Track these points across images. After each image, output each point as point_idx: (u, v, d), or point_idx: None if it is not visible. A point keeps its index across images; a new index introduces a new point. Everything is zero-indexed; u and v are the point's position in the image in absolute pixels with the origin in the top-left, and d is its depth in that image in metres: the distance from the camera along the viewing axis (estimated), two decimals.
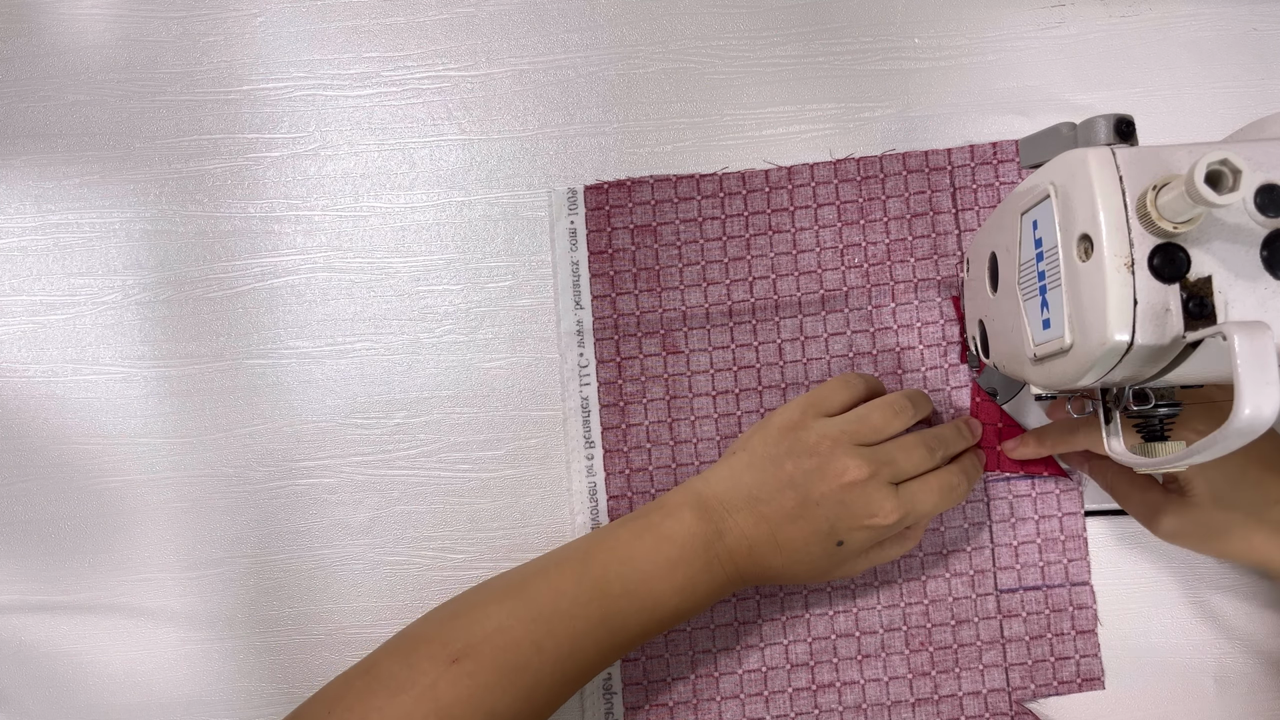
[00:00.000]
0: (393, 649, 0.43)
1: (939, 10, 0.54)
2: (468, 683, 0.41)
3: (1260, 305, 0.32)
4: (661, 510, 0.45)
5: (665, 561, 0.44)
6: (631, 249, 0.53)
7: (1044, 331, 0.37)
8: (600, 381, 0.52)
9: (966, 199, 0.52)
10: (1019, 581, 0.50)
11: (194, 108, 0.55)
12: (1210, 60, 0.53)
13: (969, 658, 0.50)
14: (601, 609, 0.43)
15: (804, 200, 0.53)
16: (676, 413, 0.52)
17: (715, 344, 0.52)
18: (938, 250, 0.52)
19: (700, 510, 0.45)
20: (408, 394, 0.53)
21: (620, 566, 0.44)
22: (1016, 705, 0.49)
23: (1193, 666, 0.50)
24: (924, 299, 0.52)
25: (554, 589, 0.43)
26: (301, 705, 0.43)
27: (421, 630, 0.44)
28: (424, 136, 0.55)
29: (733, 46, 0.54)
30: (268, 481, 0.53)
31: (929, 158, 0.52)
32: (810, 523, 0.44)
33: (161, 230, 0.54)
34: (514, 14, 0.55)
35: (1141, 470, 0.39)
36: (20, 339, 0.54)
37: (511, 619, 0.42)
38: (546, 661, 0.42)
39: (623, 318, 0.52)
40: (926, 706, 0.50)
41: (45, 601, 0.53)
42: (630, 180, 0.53)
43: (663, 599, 0.44)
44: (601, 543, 0.45)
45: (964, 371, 0.52)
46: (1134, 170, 0.33)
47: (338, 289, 0.54)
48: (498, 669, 0.41)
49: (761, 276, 0.52)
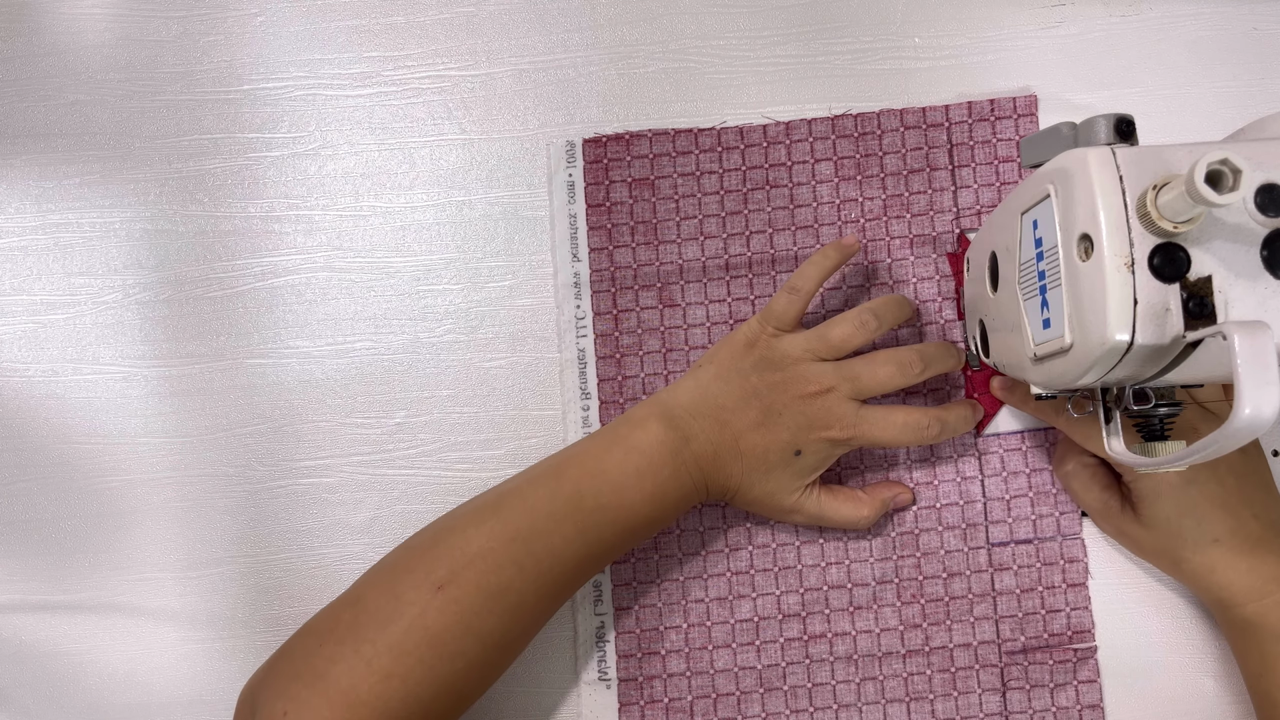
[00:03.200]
0: (376, 580, 0.44)
1: (939, 10, 0.54)
2: (454, 609, 0.41)
3: (1260, 305, 0.32)
4: (629, 423, 0.46)
5: (634, 471, 0.45)
6: (629, 202, 0.53)
7: (1044, 331, 0.37)
8: (597, 334, 0.53)
9: (964, 155, 0.52)
10: (1010, 535, 0.51)
11: (194, 107, 0.55)
12: (1210, 60, 0.53)
13: (960, 610, 0.50)
14: (577, 522, 0.44)
15: (802, 156, 0.53)
16: (672, 365, 0.52)
17: (711, 298, 0.53)
18: (934, 207, 0.52)
19: (667, 420, 0.46)
20: (408, 393, 0.53)
21: (592, 480, 0.45)
22: (1006, 657, 0.50)
23: (1192, 666, 0.50)
24: (920, 255, 0.52)
25: (529, 507, 0.44)
26: (289, 640, 0.44)
27: (403, 559, 0.44)
28: (424, 136, 0.55)
29: (733, 46, 0.54)
30: (268, 481, 0.53)
31: (926, 114, 0.53)
32: (771, 431, 0.45)
33: (162, 230, 0.54)
34: (514, 14, 0.55)
35: (1142, 470, 0.39)
36: (21, 339, 0.54)
37: (491, 540, 0.43)
38: (528, 579, 0.43)
39: (620, 270, 0.53)
40: (917, 658, 0.50)
41: (45, 601, 0.53)
42: (628, 134, 0.53)
43: (635, 508, 0.45)
44: (572, 458, 0.46)
45: (959, 328, 0.52)
46: (1134, 170, 0.33)
47: (338, 288, 0.54)
48: (482, 591, 0.42)
49: (758, 231, 0.53)
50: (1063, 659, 0.49)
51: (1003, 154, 0.52)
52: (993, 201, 0.52)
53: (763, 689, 0.50)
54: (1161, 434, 0.38)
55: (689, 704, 0.50)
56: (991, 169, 0.52)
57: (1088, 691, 0.49)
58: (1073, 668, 0.49)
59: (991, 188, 0.52)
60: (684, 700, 0.50)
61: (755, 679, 0.50)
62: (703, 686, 0.50)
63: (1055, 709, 0.49)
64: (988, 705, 0.50)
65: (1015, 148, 0.52)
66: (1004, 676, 0.50)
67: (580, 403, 0.52)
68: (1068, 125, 0.37)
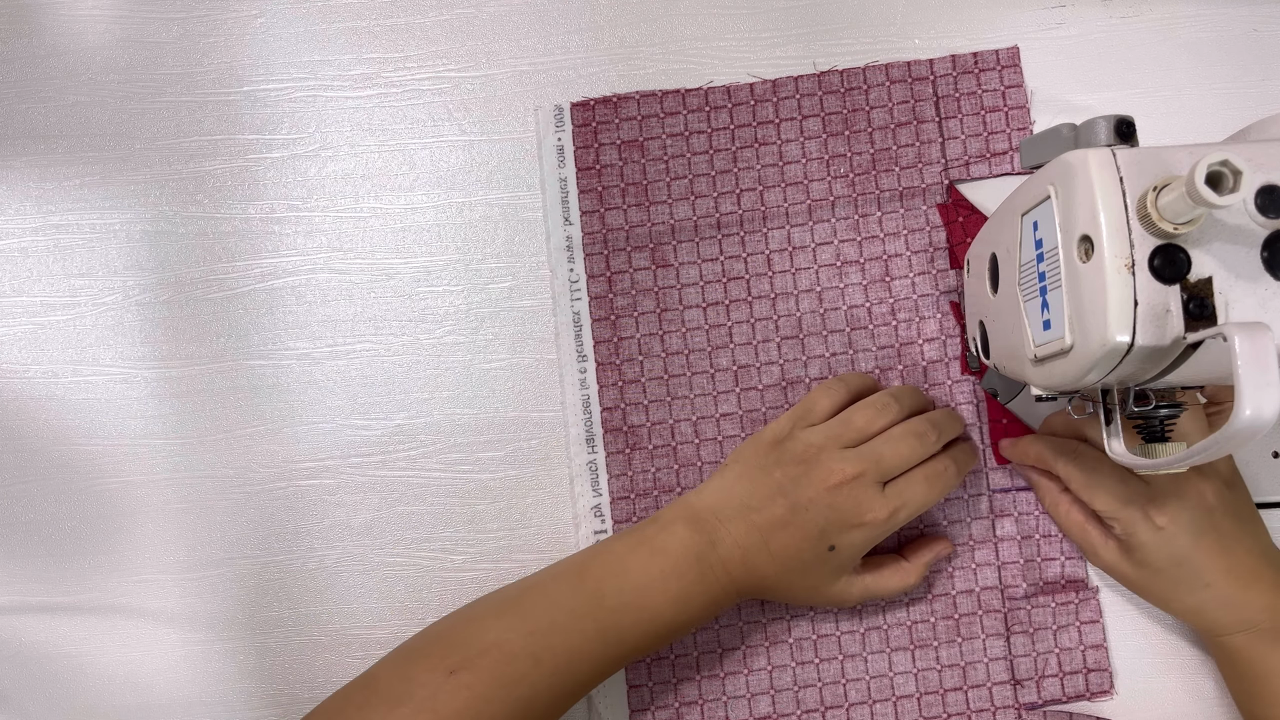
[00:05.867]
0: (390, 662, 0.43)
1: (939, 10, 0.54)
2: (465, 694, 0.41)
3: (1260, 306, 0.32)
4: (656, 524, 0.46)
5: (659, 574, 0.44)
6: (619, 164, 0.53)
7: (1044, 332, 0.37)
8: (591, 296, 0.53)
9: (950, 107, 0.53)
10: (1012, 482, 0.51)
11: (194, 109, 0.55)
12: (1211, 61, 0.53)
13: (961, 559, 0.50)
14: (598, 622, 0.43)
15: (789, 112, 0.53)
16: (667, 325, 0.52)
17: (704, 256, 0.53)
18: (922, 159, 0.52)
19: (693, 522, 0.45)
20: (408, 395, 0.53)
21: (615, 579, 0.44)
22: (1009, 603, 0.50)
23: (1193, 667, 0.50)
24: (910, 207, 0.52)
25: (550, 602, 0.44)
26: (304, 717, 0.43)
27: (418, 644, 0.44)
28: (424, 137, 0.55)
29: (733, 47, 0.54)
30: (268, 483, 0.53)
31: (911, 68, 0.53)
32: (801, 528, 0.44)
33: (162, 231, 0.54)
34: (514, 15, 0.55)
35: (1142, 471, 0.39)
36: (21, 340, 0.54)
37: (509, 632, 0.42)
38: (544, 674, 0.42)
39: (612, 233, 0.53)
40: (920, 606, 0.50)
41: (46, 603, 0.53)
42: (616, 96, 0.54)
43: (658, 611, 0.44)
44: (597, 556, 0.45)
45: (952, 277, 0.52)
46: (1134, 171, 0.33)
47: (338, 290, 0.54)
48: (495, 681, 0.41)
49: (749, 188, 0.53)
50: (1065, 601, 0.50)
51: (989, 104, 0.52)
52: (980, 152, 0.52)
53: (768, 641, 0.50)
54: (1162, 435, 0.38)
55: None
56: (978, 119, 0.52)
57: (1090, 632, 0.50)
58: (1075, 609, 0.50)
59: (979, 138, 0.52)
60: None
61: (760, 631, 0.50)
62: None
63: (1059, 650, 0.50)
64: (992, 650, 0.50)
65: (1001, 98, 0.52)
66: (1007, 621, 0.50)
67: (577, 365, 0.53)
68: (1068, 126, 0.36)
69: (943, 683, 0.50)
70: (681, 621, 0.45)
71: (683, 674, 0.50)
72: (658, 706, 0.50)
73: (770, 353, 0.52)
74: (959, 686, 0.50)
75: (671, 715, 0.50)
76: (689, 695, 0.50)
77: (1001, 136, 0.52)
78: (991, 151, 0.52)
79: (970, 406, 0.51)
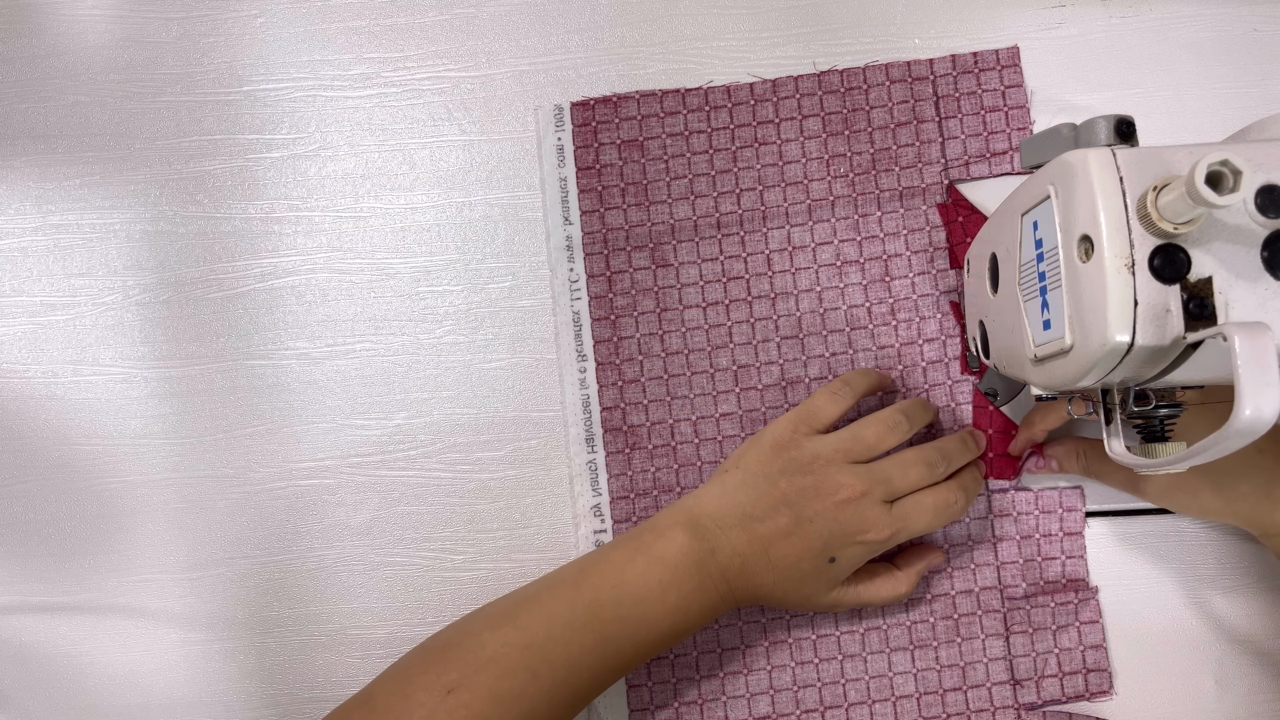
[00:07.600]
0: (388, 680, 0.43)
1: (939, 10, 0.54)
2: (463, 712, 0.41)
3: (1260, 306, 0.32)
4: (654, 530, 0.45)
5: (657, 583, 0.44)
6: (619, 164, 0.53)
7: (1044, 332, 0.37)
8: (591, 295, 0.53)
9: (950, 107, 0.53)
10: (1011, 481, 0.51)
11: (194, 109, 0.55)
12: (1211, 61, 0.53)
13: (960, 559, 0.51)
14: (595, 633, 0.43)
15: (789, 112, 0.53)
16: (667, 324, 0.52)
17: (704, 256, 0.53)
18: (922, 159, 0.52)
19: (692, 529, 0.45)
20: (408, 395, 0.53)
21: (613, 590, 0.44)
22: (1009, 603, 0.50)
23: (1193, 667, 0.50)
24: (909, 207, 0.52)
25: (547, 614, 0.43)
26: None
27: (416, 661, 0.44)
28: (424, 137, 0.55)
29: (733, 47, 0.54)
30: (268, 482, 0.53)
31: (911, 68, 0.53)
32: (803, 540, 0.44)
33: (162, 231, 0.54)
34: (514, 15, 0.55)
35: (1142, 472, 0.39)
36: (21, 340, 0.54)
37: (506, 646, 0.42)
38: (542, 688, 0.42)
39: (612, 232, 0.53)
40: (920, 606, 0.50)
41: (46, 602, 0.53)
42: (616, 96, 0.54)
43: (656, 621, 0.44)
44: (594, 565, 0.45)
45: (952, 277, 0.52)
46: (1134, 171, 0.33)
47: (338, 290, 0.54)
48: (494, 697, 0.41)
49: (749, 188, 0.53)
50: (1064, 601, 0.50)
51: (989, 104, 0.52)
52: (980, 152, 0.52)
53: (767, 642, 0.50)
54: (1162, 435, 0.38)
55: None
56: (978, 119, 0.52)
57: (1090, 632, 0.50)
58: (1074, 609, 0.50)
59: (979, 138, 0.52)
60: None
61: (759, 631, 0.50)
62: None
63: (1058, 650, 0.50)
64: (991, 650, 0.50)
65: (1001, 98, 0.52)
66: (1007, 621, 0.50)
67: (577, 365, 0.53)
68: (1068, 126, 0.36)
69: (942, 683, 0.50)
70: (679, 630, 0.45)
71: (682, 674, 0.50)
72: (657, 706, 0.50)
73: (770, 352, 0.52)
74: (958, 687, 0.50)
75: (671, 715, 0.50)
76: (688, 695, 0.50)
77: (1001, 136, 0.52)
78: (991, 151, 0.52)
79: (968, 408, 0.51)
